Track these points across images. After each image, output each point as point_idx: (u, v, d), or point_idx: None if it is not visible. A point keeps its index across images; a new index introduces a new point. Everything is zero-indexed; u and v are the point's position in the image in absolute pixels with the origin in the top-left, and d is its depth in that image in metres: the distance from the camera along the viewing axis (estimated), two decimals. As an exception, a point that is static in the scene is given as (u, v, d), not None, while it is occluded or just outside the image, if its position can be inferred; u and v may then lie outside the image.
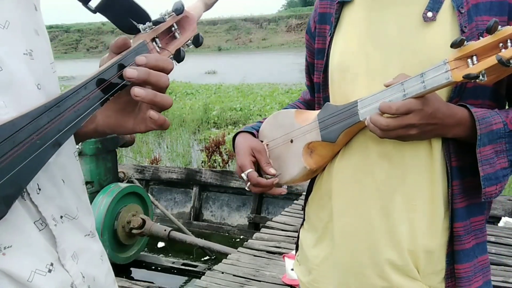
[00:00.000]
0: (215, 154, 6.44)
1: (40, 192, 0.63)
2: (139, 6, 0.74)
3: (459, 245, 0.91)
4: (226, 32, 55.29)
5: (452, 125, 0.84)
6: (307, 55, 1.13)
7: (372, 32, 0.94)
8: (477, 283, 0.93)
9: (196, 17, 0.82)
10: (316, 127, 0.98)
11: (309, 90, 1.19)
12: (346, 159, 0.98)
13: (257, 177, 1.01)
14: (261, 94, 13.50)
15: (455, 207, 0.90)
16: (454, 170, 0.89)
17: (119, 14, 0.72)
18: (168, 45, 0.78)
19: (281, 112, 1.08)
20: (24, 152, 0.58)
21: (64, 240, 0.67)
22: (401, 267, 0.92)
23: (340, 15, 1.01)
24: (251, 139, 1.08)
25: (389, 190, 0.92)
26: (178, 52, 0.79)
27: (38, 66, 0.66)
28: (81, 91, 0.64)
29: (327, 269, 1.03)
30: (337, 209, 0.99)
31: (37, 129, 0.59)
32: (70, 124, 0.63)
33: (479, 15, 0.87)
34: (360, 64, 0.95)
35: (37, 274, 0.62)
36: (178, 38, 0.79)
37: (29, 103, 0.61)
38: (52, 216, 0.65)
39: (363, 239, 0.95)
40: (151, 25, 0.74)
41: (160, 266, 4.42)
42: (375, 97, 0.87)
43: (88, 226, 0.75)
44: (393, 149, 0.91)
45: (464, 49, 0.78)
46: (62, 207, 0.68)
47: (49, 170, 0.65)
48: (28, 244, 0.61)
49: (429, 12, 0.88)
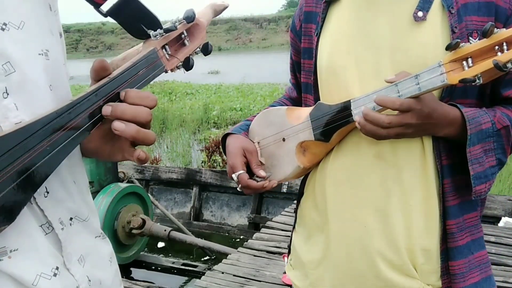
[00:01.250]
0: (215, 154, 6.44)
1: (48, 196, 0.63)
2: (150, 12, 0.73)
3: (453, 242, 0.91)
4: (226, 32, 55.28)
5: (445, 125, 0.85)
6: (292, 53, 1.11)
7: (361, 32, 0.94)
8: (473, 279, 0.93)
9: (205, 24, 0.82)
10: (308, 126, 0.98)
11: (294, 88, 1.17)
12: (339, 160, 0.97)
13: (248, 179, 1.00)
14: (261, 94, 13.49)
15: (447, 205, 0.90)
16: (445, 168, 0.90)
17: (130, 19, 0.72)
18: (177, 53, 0.78)
19: (271, 110, 1.06)
20: (35, 158, 0.58)
21: (70, 243, 0.67)
22: (399, 266, 0.93)
23: (326, 14, 1.00)
24: (242, 139, 1.07)
25: (384, 190, 0.92)
26: (187, 60, 0.79)
27: (52, 67, 0.66)
28: (92, 98, 0.63)
29: (324, 273, 1.02)
30: (332, 211, 0.99)
31: (48, 135, 0.59)
32: (80, 130, 0.62)
33: (468, 15, 0.87)
34: (350, 65, 0.94)
35: (42, 278, 0.62)
36: (188, 45, 0.79)
37: (41, 104, 0.62)
38: (59, 220, 0.65)
39: (359, 240, 0.95)
40: (162, 33, 0.74)
41: (160, 266, 4.41)
42: (368, 98, 0.87)
43: (98, 227, 0.75)
44: (387, 149, 0.91)
45: (460, 52, 0.78)
46: (72, 210, 0.68)
47: (59, 173, 0.65)
48: (34, 248, 0.62)
49: (419, 11, 0.88)
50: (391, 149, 0.91)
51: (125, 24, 0.72)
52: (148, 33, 0.73)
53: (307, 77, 1.04)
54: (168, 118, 10.49)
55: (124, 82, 0.67)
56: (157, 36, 0.74)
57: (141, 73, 0.70)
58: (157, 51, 0.73)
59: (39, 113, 0.59)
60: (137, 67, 0.70)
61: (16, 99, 0.59)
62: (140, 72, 0.69)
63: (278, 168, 1.03)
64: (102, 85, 0.64)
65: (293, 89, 1.18)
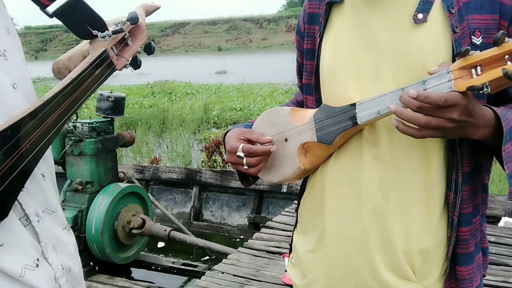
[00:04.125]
0: (215, 154, 6.44)
1: (23, 190, 0.66)
2: (96, 14, 0.77)
3: (464, 248, 0.91)
4: (226, 32, 55.27)
5: (482, 125, 0.81)
6: (298, 56, 1.11)
7: (362, 33, 0.93)
8: (476, 282, 0.94)
9: (144, 25, 0.86)
10: (312, 128, 0.97)
11: (301, 91, 1.16)
12: (339, 161, 0.97)
13: (253, 146, 0.98)
14: (261, 94, 13.49)
15: (463, 212, 0.89)
16: (466, 176, 0.89)
17: (76, 21, 0.76)
18: (123, 52, 0.82)
19: (276, 110, 1.06)
20: (23, 156, 0.61)
21: (46, 234, 0.70)
22: (396, 268, 0.92)
23: (328, 15, 0.99)
24: (240, 128, 1.07)
25: (382, 191, 0.92)
26: (135, 59, 0.84)
27: (12, 66, 0.67)
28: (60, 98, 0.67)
29: (321, 272, 1.02)
30: (330, 211, 0.99)
31: (28, 134, 0.62)
32: (54, 129, 0.66)
33: (470, 14, 0.86)
34: (350, 67, 0.93)
35: (27, 269, 0.65)
36: (131, 45, 0.83)
37: (6, 103, 0.63)
38: (35, 212, 0.68)
39: (356, 241, 0.95)
40: (110, 34, 0.78)
41: (160, 266, 4.41)
42: (374, 101, 0.86)
43: (64, 218, 0.78)
44: (386, 150, 0.91)
45: (469, 59, 0.76)
46: (43, 202, 0.71)
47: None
48: (17, 242, 0.64)
49: (419, 13, 0.87)
50: (390, 150, 0.90)
51: (71, 25, 0.76)
52: (93, 34, 0.77)
53: (308, 78, 1.04)
54: (168, 118, 10.49)
55: (85, 82, 0.71)
56: (106, 37, 0.78)
57: (97, 72, 0.74)
58: (108, 52, 0.77)
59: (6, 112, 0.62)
60: (94, 67, 0.74)
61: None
62: (96, 71, 0.74)
63: (278, 168, 1.03)
64: (67, 85, 0.68)
65: (300, 92, 1.18)
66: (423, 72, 0.83)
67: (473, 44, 0.85)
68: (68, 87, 0.68)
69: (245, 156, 0.98)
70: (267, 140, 1.00)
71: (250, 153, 0.97)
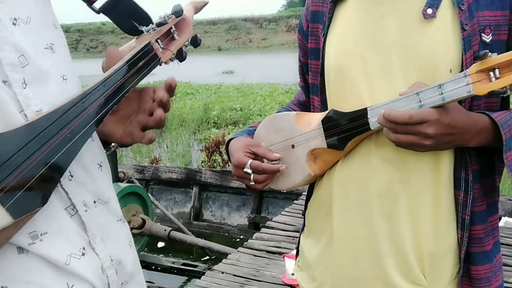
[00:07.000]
0: (215, 154, 6.44)
1: (72, 179, 0.67)
2: (141, 8, 0.77)
3: (480, 247, 0.89)
4: (226, 32, 55.24)
5: (475, 134, 0.81)
6: (300, 55, 1.08)
7: (369, 31, 0.91)
8: (497, 282, 0.92)
9: (191, 19, 0.87)
10: (321, 134, 0.94)
11: (304, 91, 1.14)
12: (347, 164, 0.95)
13: (262, 163, 0.96)
14: (261, 94, 13.48)
15: (476, 210, 0.88)
16: (475, 173, 0.87)
17: (122, 16, 0.77)
18: (169, 46, 0.82)
19: (280, 115, 1.03)
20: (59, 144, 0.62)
21: (94, 225, 0.70)
22: (406, 272, 0.91)
23: (333, 14, 0.97)
24: (245, 138, 1.04)
25: (391, 194, 0.90)
26: (180, 52, 0.85)
27: (59, 59, 0.70)
28: (101, 88, 0.69)
29: (330, 276, 1.00)
30: (338, 214, 0.97)
31: (67, 123, 0.64)
32: (94, 118, 0.67)
33: (480, 11, 0.84)
34: (357, 65, 0.91)
35: (72, 257, 0.65)
36: (177, 39, 0.84)
37: (55, 94, 0.66)
38: (83, 202, 0.69)
39: (365, 245, 0.93)
40: (154, 27, 0.78)
41: (160, 266, 4.42)
42: (387, 107, 0.84)
43: (118, 209, 0.79)
44: (395, 152, 0.89)
45: (487, 62, 0.75)
46: (95, 192, 0.72)
47: (80, 157, 0.69)
48: (61, 230, 0.65)
49: (428, 8, 0.85)
50: (399, 152, 0.88)
51: (117, 20, 0.77)
52: (139, 29, 0.78)
53: (314, 78, 1.02)
54: (168, 118, 10.48)
55: (127, 74, 0.72)
56: (150, 30, 0.78)
57: (140, 64, 0.75)
58: (152, 44, 0.78)
59: (54, 103, 0.64)
60: (136, 59, 0.74)
61: (33, 89, 0.63)
62: (139, 64, 0.75)
63: (287, 175, 1.00)
64: (108, 76, 0.70)
65: (301, 92, 1.16)
66: (433, 70, 0.82)
67: (483, 41, 0.83)
68: (109, 77, 0.70)
69: (253, 173, 0.96)
70: (276, 158, 0.97)
71: (258, 171, 0.96)
